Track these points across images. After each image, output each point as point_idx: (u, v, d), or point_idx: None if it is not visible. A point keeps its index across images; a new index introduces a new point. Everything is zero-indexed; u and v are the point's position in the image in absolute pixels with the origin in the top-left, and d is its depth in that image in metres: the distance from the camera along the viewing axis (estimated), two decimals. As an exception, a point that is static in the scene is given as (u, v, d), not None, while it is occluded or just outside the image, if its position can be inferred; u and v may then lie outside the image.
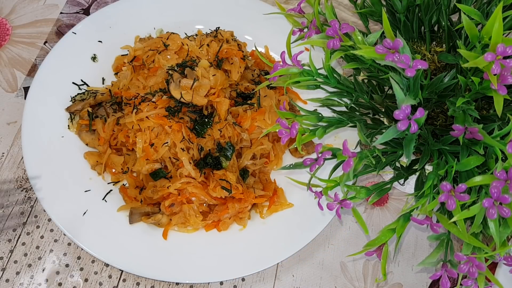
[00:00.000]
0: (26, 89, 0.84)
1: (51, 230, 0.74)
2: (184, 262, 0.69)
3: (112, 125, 0.75)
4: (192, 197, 0.71)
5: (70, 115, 0.78)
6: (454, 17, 0.63)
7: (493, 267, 0.64)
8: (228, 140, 0.73)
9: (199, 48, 0.78)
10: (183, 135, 0.71)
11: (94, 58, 0.83)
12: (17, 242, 0.73)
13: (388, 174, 0.76)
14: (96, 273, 0.71)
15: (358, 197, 0.54)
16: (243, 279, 0.72)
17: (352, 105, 0.59)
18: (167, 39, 0.79)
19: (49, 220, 0.74)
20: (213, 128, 0.73)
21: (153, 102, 0.73)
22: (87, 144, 0.76)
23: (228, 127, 0.73)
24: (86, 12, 0.93)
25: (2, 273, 0.70)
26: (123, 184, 0.75)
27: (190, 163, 0.71)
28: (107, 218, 0.71)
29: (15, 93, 0.84)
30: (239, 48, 0.80)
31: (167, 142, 0.71)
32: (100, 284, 0.70)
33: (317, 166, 0.52)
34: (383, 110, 0.59)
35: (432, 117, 0.60)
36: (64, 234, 0.72)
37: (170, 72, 0.74)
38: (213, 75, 0.73)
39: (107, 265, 0.72)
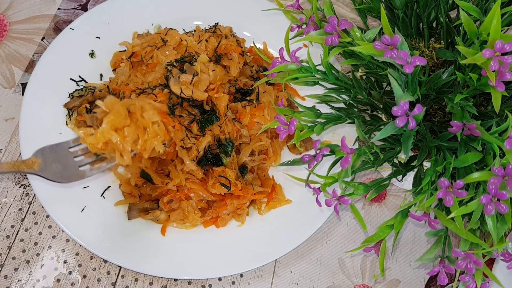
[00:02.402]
0: (24, 85, 0.84)
1: (49, 227, 0.74)
2: (182, 259, 0.69)
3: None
4: (190, 194, 0.71)
5: (68, 111, 0.77)
6: (453, 14, 0.63)
7: (490, 263, 0.64)
8: (228, 136, 0.73)
9: (197, 44, 0.78)
10: (185, 133, 0.71)
11: (92, 54, 0.83)
12: (15, 239, 0.73)
13: (386, 170, 0.76)
14: (94, 269, 0.71)
15: (356, 193, 0.54)
16: (241, 275, 0.72)
17: (351, 101, 0.59)
18: (165, 35, 0.79)
19: (47, 216, 0.74)
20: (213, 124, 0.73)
21: (154, 95, 0.72)
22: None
23: (227, 123, 0.73)
24: (84, 8, 0.92)
25: (1, 270, 0.70)
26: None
27: (193, 160, 0.70)
28: (105, 214, 0.71)
29: (13, 89, 0.84)
30: (237, 43, 0.80)
31: (165, 143, 0.70)
32: (99, 280, 0.71)
33: (315, 162, 0.52)
34: (381, 107, 0.59)
35: (430, 114, 0.60)
36: (62, 231, 0.72)
37: (169, 68, 0.74)
38: (212, 70, 0.73)
39: (105, 261, 0.72)
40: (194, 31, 0.85)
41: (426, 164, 0.58)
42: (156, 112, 0.59)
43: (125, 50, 0.82)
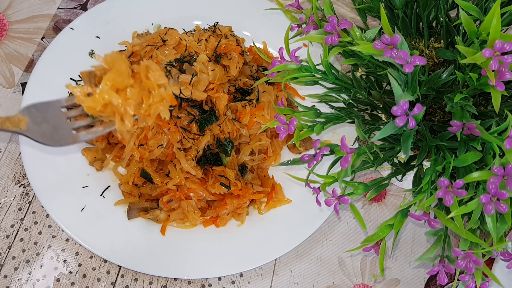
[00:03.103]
0: (24, 85, 0.84)
1: (49, 226, 0.73)
2: (182, 258, 0.69)
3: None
4: (190, 193, 0.71)
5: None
6: (453, 13, 0.63)
7: (490, 262, 0.64)
8: (227, 135, 0.73)
9: (197, 43, 0.78)
10: (182, 135, 0.71)
11: (91, 54, 0.83)
12: (15, 238, 0.72)
13: (386, 170, 0.76)
14: (94, 268, 0.71)
15: (356, 193, 0.54)
16: (241, 275, 0.72)
17: (350, 101, 0.59)
18: (165, 35, 0.79)
19: (47, 216, 0.74)
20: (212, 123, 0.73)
21: None
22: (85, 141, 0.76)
23: (227, 123, 0.73)
24: (84, 7, 0.92)
25: (0, 269, 0.70)
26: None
27: (192, 160, 0.70)
28: (105, 214, 0.71)
29: (13, 88, 0.84)
30: (237, 43, 0.80)
31: (162, 145, 0.71)
32: (99, 280, 0.71)
33: (315, 162, 0.52)
34: (381, 106, 0.59)
35: (430, 113, 0.60)
36: (62, 230, 0.72)
37: (168, 68, 0.74)
38: (212, 70, 0.73)
39: (105, 261, 0.72)
40: (194, 30, 0.85)
41: (426, 164, 0.58)
42: (163, 73, 0.52)
43: (124, 50, 0.82)
